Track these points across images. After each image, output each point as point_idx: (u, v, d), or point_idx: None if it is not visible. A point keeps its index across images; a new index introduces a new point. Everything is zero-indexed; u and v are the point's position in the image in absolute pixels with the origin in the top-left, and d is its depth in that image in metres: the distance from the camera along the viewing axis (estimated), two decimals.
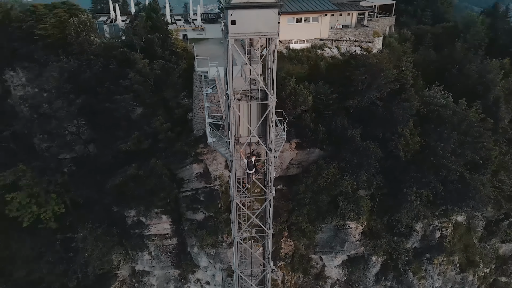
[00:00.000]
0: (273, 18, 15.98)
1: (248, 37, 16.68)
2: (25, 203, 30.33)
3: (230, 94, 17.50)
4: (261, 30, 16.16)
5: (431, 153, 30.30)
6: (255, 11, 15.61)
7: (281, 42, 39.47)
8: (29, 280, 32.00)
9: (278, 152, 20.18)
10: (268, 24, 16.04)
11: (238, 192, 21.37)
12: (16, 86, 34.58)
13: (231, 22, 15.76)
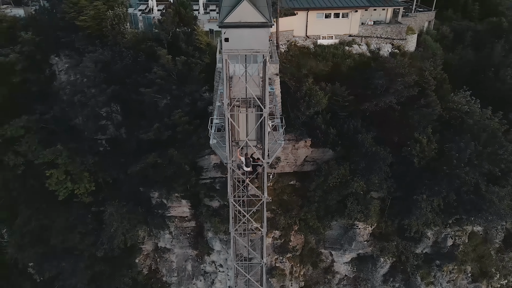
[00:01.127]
0: (264, 36, 16.83)
1: (241, 53, 17.64)
2: (61, 179, 33.95)
3: (225, 104, 18.70)
4: (253, 47, 17.09)
5: (445, 161, 29.79)
6: (247, 30, 16.54)
7: (308, 38, 39.64)
8: (64, 247, 35.99)
9: (272, 159, 21.21)
10: (259, 41, 16.92)
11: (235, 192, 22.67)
12: (60, 71, 37.87)
13: (225, 39, 16.83)
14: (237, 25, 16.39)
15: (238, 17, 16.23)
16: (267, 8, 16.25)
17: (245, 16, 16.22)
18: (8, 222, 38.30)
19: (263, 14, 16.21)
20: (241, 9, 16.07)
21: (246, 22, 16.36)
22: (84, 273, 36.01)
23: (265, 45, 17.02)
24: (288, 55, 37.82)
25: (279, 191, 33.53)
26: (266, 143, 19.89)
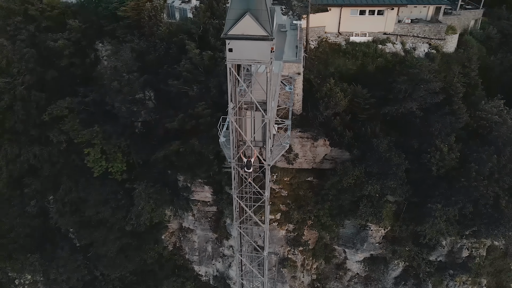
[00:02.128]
0: (266, 48, 17.64)
1: (244, 63, 18.59)
2: (97, 157, 37.13)
3: (229, 108, 19.85)
4: (255, 58, 17.99)
5: (465, 172, 29.09)
6: (249, 42, 17.43)
7: (340, 34, 39.44)
8: (97, 219, 39.62)
9: (274, 161, 22.19)
10: (261, 53, 17.77)
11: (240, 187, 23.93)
12: (103, 57, 40.79)
13: (229, 50, 17.86)
14: (239, 37, 17.33)
15: (241, 30, 17.16)
16: (269, 22, 16.98)
17: (247, 29, 17.12)
18: (53, 191, 42.53)
19: (264, 28, 16.99)
20: (244, 22, 16.96)
21: (249, 34, 17.25)
22: (113, 243, 39.48)
23: (266, 57, 17.85)
24: (317, 51, 37.97)
25: (295, 186, 34.46)
26: (268, 146, 20.88)
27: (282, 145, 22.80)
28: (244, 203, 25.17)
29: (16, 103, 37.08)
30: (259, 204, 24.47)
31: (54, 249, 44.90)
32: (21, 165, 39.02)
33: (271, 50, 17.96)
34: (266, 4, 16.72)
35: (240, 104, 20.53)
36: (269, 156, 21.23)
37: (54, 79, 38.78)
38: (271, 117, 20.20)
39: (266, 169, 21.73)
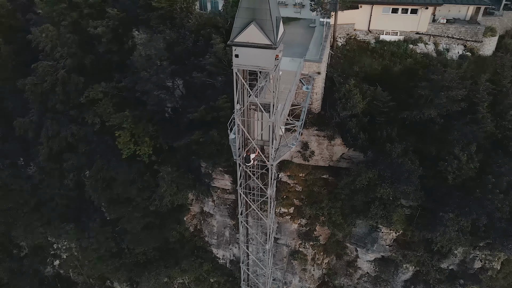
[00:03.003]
0: (270, 56, 18.37)
1: (249, 69, 19.39)
2: (126, 140, 39.56)
3: (236, 110, 20.83)
4: (259, 64, 18.79)
5: (481, 183, 28.42)
6: (254, 49, 18.20)
7: (370, 32, 38.94)
8: (125, 197, 42.46)
9: (277, 161, 23.00)
10: (265, 60, 18.54)
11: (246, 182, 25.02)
12: (138, 44, 42.82)
13: (235, 56, 18.76)
14: (245, 45, 18.18)
15: (246, 37, 17.98)
16: (273, 32, 17.64)
17: (252, 37, 17.90)
18: (88, 167, 45.85)
19: (268, 37, 17.70)
20: (249, 31, 17.76)
21: (253, 43, 18.03)
22: (138, 221, 42.26)
23: (270, 64, 18.58)
24: (344, 49, 37.81)
25: (310, 182, 35.12)
26: (271, 147, 21.75)
27: (288, 146, 23.52)
28: (252, 198, 26.33)
29: (58, 85, 40.03)
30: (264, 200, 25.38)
31: (88, 220, 48.67)
32: (60, 142, 42.33)
33: (275, 58, 18.65)
34: (271, 15, 17.35)
35: (248, 105, 21.47)
36: (273, 157, 22.09)
37: (92, 64, 41.37)
38: (275, 119, 20.97)
39: (269, 169, 22.66)
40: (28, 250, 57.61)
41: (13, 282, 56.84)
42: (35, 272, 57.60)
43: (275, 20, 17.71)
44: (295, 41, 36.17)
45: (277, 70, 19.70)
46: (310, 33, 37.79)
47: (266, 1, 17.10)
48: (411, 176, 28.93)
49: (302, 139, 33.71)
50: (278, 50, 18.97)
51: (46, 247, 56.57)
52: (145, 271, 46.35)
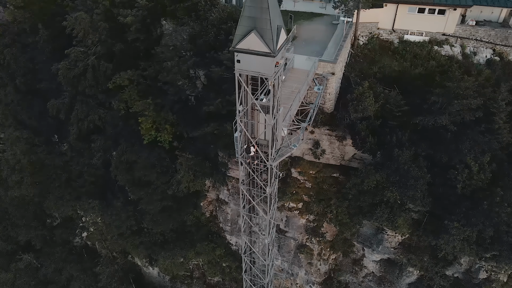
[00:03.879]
0: (269, 63, 19.01)
1: (250, 74, 20.10)
2: (148, 127, 41.48)
3: (237, 111, 21.71)
4: (259, 70, 19.49)
5: (490, 195, 27.93)
6: (254, 56, 18.90)
7: (394, 32, 38.36)
8: (145, 180, 44.70)
9: (277, 161, 23.76)
10: (265, 67, 19.22)
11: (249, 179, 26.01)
12: (164, 34, 44.27)
13: (237, 61, 19.54)
14: (245, 51, 18.92)
15: (247, 45, 18.71)
16: (272, 41, 18.23)
17: (253, 45, 18.62)
18: (114, 149, 48.43)
19: (267, 45, 18.33)
20: (250, 39, 18.47)
21: (254, 50, 18.72)
22: (156, 203, 44.50)
23: (270, 71, 19.26)
24: (365, 48, 37.49)
25: (319, 180, 35.64)
26: (270, 147, 22.55)
27: (289, 147, 24.20)
28: (256, 193, 27.36)
29: (88, 71, 42.29)
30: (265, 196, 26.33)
31: (112, 198, 51.64)
32: (88, 124, 44.94)
33: (275, 65, 19.27)
34: (271, 24, 17.93)
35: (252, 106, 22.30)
36: (273, 157, 22.91)
37: (121, 52, 43.25)
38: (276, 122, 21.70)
39: (269, 169, 23.52)
40: (60, 220, 61.85)
41: (45, 249, 61.43)
42: (65, 241, 61.99)
43: (275, 29, 18.27)
44: (315, 38, 36.27)
45: (278, 75, 20.30)
46: (332, 30, 37.62)
47: (266, 11, 17.67)
48: (417, 183, 28.83)
49: (314, 137, 34.17)
50: (279, 57, 19.55)
51: (76, 220, 60.50)
52: (162, 251, 48.91)
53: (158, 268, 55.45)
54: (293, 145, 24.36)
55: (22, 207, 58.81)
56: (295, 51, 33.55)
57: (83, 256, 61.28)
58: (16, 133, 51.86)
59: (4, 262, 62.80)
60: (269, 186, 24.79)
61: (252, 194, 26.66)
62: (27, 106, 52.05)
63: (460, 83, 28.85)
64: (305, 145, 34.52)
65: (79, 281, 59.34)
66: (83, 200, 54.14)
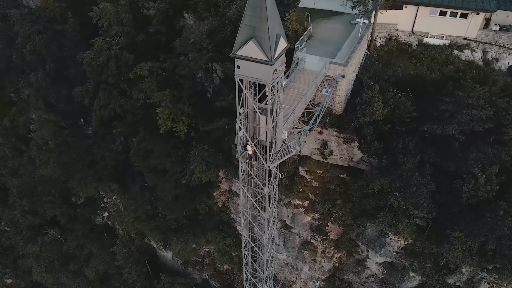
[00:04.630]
0: (267, 70, 19.54)
1: (249, 80, 20.69)
2: (165, 117, 42.89)
3: (237, 113, 22.42)
4: (258, 76, 20.08)
5: (494, 208, 27.54)
6: (253, 63, 19.48)
7: (413, 34, 37.72)
8: (160, 168, 46.42)
9: (275, 163, 24.38)
10: (263, 73, 19.79)
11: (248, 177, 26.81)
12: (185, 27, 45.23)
13: (237, 66, 20.18)
14: (244, 58, 19.55)
15: (246, 52, 19.32)
16: (270, 49, 18.73)
17: (251, 53, 19.21)
18: (133, 136, 50.39)
19: (265, 54, 18.87)
20: (249, 46, 19.07)
21: (252, 57, 19.31)
22: (169, 191, 46.21)
23: (267, 77, 19.83)
24: (382, 50, 37.14)
25: (326, 180, 36.02)
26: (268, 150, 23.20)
27: (289, 149, 24.75)
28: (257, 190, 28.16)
29: (111, 60, 44.03)
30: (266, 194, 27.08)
31: (130, 182, 53.92)
32: (109, 111, 46.91)
33: (273, 72, 19.80)
34: (269, 34, 18.43)
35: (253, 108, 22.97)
36: (269, 159, 23.59)
37: (143, 43, 44.68)
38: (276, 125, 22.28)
39: (266, 170, 24.23)
40: (83, 200, 65.10)
41: (69, 226, 64.96)
42: (87, 220, 65.34)
43: (274, 38, 18.76)
44: (331, 38, 36.18)
45: (277, 81, 20.82)
46: (349, 30, 37.33)
47: (265, 20, 18.16)
48: (420, 190, 28.77)
49: (322, 138, 34.48)
50: (278, 64, 20.05)
51: (98, 200, 63.53)
52: (175, 236, 50.91)
53: (172, 252, 57.71)
54: (293, 148, 24.89)
55: (49, 184, 62.25)
56: (309, 51, 33.76)
57: (103, 235, 64.38)
58: (45, 116, 54.69)
59: (32, 235, 66.86)
60: (267, 186, 25.52)
61: (252, 192, 27.46)
62: (56, 90, 54.69)
63: (470, 93, 28.28)
64: (313, 145, 34.90)
65: (98, 258, 62.64)
66: (104, 183, 56.80)
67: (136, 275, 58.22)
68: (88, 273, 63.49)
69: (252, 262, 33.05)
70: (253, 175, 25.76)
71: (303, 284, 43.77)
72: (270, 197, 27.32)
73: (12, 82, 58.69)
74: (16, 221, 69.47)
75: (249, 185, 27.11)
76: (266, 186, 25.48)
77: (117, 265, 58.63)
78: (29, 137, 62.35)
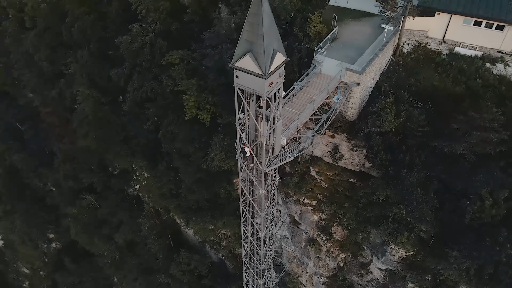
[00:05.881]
0: (262, 83, 20.44)
1: (246, 90, 21.67)
2: (191, 105, 44.88)
3: (236, 119, 23.59)
4: (254, 88, 21.09)
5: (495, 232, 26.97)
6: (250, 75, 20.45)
7: (444, 42, 36.56)
8: (184, 151, 48.88)
9: (270, 168, 25.40)
10: (259, 85, 20.76)
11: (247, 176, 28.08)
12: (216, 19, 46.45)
13: (236, 76, 21.25)
14: (242, 70, 20.58)
15: (243, 64, 20.34)
16: (265, 64, 19.60)
17: (248, 65, 20.21)
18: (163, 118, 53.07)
19: (260, 68, 19.76)
20: (246, 60, 20.08)
21: (249, 70, 20.28)
22: (190, 175, 48.69)
23: (262, 89, 20.79)
24: (408, 57, 36.40)
25: (336, 182, 36.53)
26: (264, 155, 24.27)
27: (285, 156, 25.66)
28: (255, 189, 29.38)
29: (146, 46, 46.37)
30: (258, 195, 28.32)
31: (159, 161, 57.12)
32: (141, 94, 49.67)
33: (269, 84, 20.68)
34: (264, 50, 19.27)
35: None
36: (266, 164, 24.69)
37: (177, 31, 46.50)
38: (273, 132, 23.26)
39: (261, 173, 25.38)
40: (118, 170, 69.77)
41: (104, 193, 70.12)
42: (120, 189, 70.20)
43: (269, 54, 19.58)
44: (356, 42, 35.87)
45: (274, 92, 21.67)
46: (377, 34, 36.63)
47: (261, 37, 19.01)
48: (420, 207, 28.72)
49: (334, 141, 34.87)
50: (275, 77, 20.88)
51: (131, 173, 67.82)
52: (194, 216, 53.74)
53: (192, 229, 60.91)
54: (292, 155, 25.77)
55: (88, 154, 67.26)
56: (329, 54, 33.86)
57: (133, 205, 68.95)
58: (87, 91, 58.75)
59: (71, 198, 72.94)
60: (263, 188, 26.73)
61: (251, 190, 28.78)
62: (98, 68, 58.29)
63: (483, 115, 27.36)
64: (325, 147, 35.41)
65: (127, 226, 67.42)
66: (136, 158, 60.61)
67: (159, 246, 62.22)
68: (117, 238, 68.48)
69: (251, 254, 34.69)
70: (250, 175, 27.01)
71: (308, 278, 45.07)
72: (267, 197, 28.50)
73: (63, 56, 63.15)
74: (59, 183, 75.81)
75: (249, 184, 28.40)
76: (262, 188, 26.68)
77: (141, 235, 62.88)
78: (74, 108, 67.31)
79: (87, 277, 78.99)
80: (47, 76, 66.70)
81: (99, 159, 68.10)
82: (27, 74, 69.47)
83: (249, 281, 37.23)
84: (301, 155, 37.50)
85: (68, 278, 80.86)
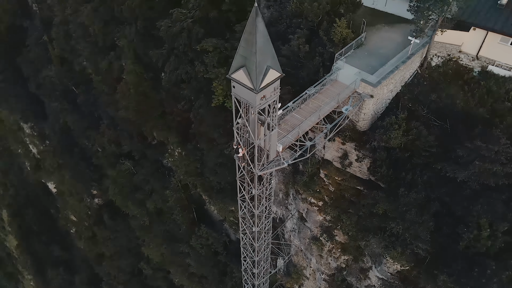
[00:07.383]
0: (254, 96, 21.54)
1: (241, 100, 22.82)
2: (219, 93, 46.65)
3: (234, 123, 24.94)
4: (247, 99, 22.29)
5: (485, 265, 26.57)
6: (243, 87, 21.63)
7: (477, 59, 35.00)
8: (209, 137, 51.19)
9: (263, 171, 26.61)
10: (251, 97, 21.88)
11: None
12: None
13: (233, 86, 22.50)
14: (236, 81, 21.77)
15: (238, 76, 21.58)
16: (256, 80, 20.64)
17: (242, 79, 21.42)
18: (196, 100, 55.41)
19: (252, 82, 20.86)
20: (240, 73, 21.33)
21: (242, 83, 21.44)
22: (213, 159, 51.16)
23: (254, 102, 21.93)
24: (436, 71, 35.33)
25: (343, 187, 37.03)
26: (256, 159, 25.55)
27: (279, 162, 26.72)
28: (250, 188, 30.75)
29: (184, 31, 48.33)
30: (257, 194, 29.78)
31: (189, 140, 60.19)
32: (176, 76, 52.17)
33: (261, 98, 21.77)
34: (256, 67, 20.30)
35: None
36: (257, 167, 25.99)
37: (214, 19, 47.88)
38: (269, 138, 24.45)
39: (255, 175, 26.74)
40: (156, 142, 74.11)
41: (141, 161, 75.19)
42: (156, 160, 74.74)
43: (262, 70, 20.57)
44: (381, 50, 35.30)
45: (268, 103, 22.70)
46: (406, 44, 35.56)
47: (255, 55, 20.01)
48: (412, 226, 28.75)
49: (345, 148, 35.19)
50: (270, 90, 21.90)
51: (166, 145, 71.87)
52: (215, 196, 56.63)
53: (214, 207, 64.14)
54: (286, 161, 26.81)
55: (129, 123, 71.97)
56: (351, 61, 33.81)
57: (165, 176, 73.28)
58: (131, 66, 62.44)
59: (112, 162, 78.90)
60: (255, 188, 28.15)
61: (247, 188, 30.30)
62: (144, 45, 61.48)
63: (489, 146, 26.37)
64: (335, 152, 35.86)
65: (157, 194, 72.14)
66: (171, 134, 64.13)
67: (183, 219, 66.32)
68: (148, 205, 73.59)
69: (248, 245, 36.61)
70: (246, 176, 28.49)
71: (311, 272, 46.52)
72: (261, 197, 29.90)
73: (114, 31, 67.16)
74: (104, 146, 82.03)
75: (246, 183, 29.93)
76: (255, 188, 28.12)
77: (168, 206, 67.19)
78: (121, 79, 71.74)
79: (121, 234, 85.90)
80: (100, 47, 71.33)
81: (139, 130, 72.59)
82: (82, 44, 74.62)
83: (246, 268, 39.43)
84: (313, 156, 38.44)
85: (105, 232, 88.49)
